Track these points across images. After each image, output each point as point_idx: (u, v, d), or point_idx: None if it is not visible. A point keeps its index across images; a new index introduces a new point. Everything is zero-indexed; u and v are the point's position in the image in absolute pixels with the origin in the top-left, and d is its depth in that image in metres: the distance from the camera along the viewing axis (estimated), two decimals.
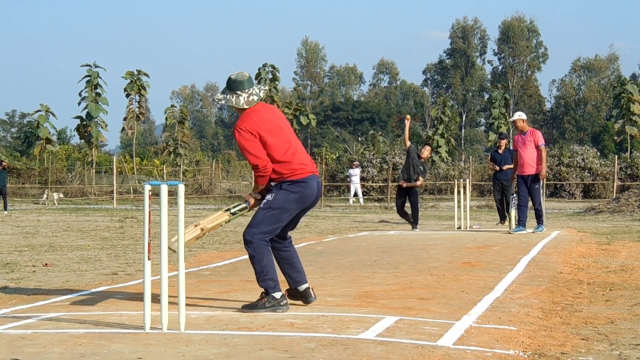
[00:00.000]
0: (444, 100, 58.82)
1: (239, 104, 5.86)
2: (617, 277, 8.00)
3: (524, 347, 4.74)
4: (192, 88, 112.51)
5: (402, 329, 5.06)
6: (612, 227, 16.32)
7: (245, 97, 5.87)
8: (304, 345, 4.54)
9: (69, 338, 4.82)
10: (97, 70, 48.71)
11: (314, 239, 13.22)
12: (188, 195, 35.70)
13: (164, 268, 5.02)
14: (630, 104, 49.94)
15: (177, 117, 53.38)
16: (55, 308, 6.12)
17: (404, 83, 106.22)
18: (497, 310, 5.87)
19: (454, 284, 7.24)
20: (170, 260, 5.18)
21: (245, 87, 5.88)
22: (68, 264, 9.85)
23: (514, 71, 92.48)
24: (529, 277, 7.79)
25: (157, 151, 65.80)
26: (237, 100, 5.87)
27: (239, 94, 5.87)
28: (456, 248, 10.75)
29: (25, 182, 43.17)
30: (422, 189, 39.30)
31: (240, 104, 5.86)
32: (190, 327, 5.09)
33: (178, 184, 5.07)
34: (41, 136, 48.87)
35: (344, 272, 8.18)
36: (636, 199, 21.44)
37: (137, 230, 16.28)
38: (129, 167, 50.09)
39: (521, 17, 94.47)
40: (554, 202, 32.00)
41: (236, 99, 5.87)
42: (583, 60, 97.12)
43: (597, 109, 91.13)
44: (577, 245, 11.44)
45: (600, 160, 39.41)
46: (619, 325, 5.49)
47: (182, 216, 5.15)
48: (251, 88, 5.90)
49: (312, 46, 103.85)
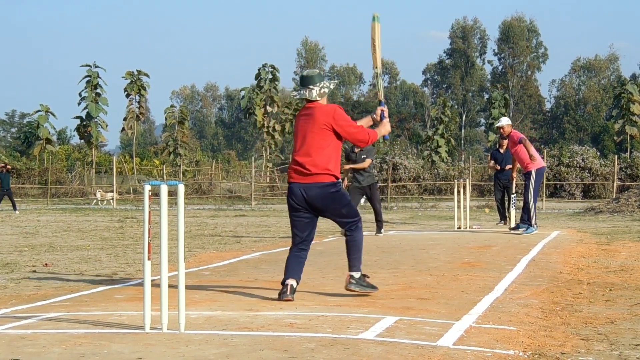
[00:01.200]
0: (444, 100, 58.84)
1: (312, 96, 6.31)
2: (617, 277, 8.00)
3: (524, 347, 4.74)
4: (192, 88, 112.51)
5: (402, 329, 5.06)
6: (612, 227, 16.33)
7: (317, 90, 6.33)
8: (304, 346, 4.54)
9: (69, 338, 4.82)
10: (97, 71, 48.79)
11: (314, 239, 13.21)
12: (188, 195, 35.71)
13: (164, 268, 5.02)
14: (630, 104, 49.96)
15: (177, 117, 53.44)
16: (55, 308, 6.12)
17: (404, 83, 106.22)
18: (497, 311, 5.87)
19: (453, 284, 7.24)
20: (170, 260, 5.18)
21: (316, 81, 6.35)
22: (68, 264, 9.85)
23: (514, 71, 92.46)
24: (529, 277, 7.79)
25: (157, 151, 65.80)
26: (310, 93, 6.33)
27: (312, 88, 6.34)
28: (456, 248, 10.75)
29: (25, 182, 43.19)
30: (422, 189, 39.35)
31: (313, 97, 6.31)
32: (190, 327, 5.09)
33: (178, 184, 5.07)
34: (41, 136, 48.92)
35: (344, 272, 8.15)
36: (636, 199, 21.44)
37: (136, 230, 16.29)
38: (128, 167, 50.10)
39: (521, 17, 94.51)
40: (553, 202, 32.01)
41: (309, 92, 6.33)
42: (583, 61, 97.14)
43: (597, 109, 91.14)
44: (577, 245, 11.45)
45: (600, 160, 39.44)
46: (618, 326, 5.49)
47: (182, 216, 5.15)
48: (322, 82, 6.37)
49: (311, 46, 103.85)
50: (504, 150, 16.57)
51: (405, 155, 42.95)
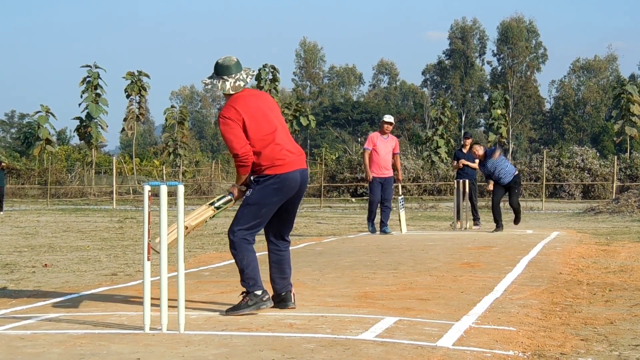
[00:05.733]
0: (444, 100, 58.83)
1: (225, 89, 5.70)
2: (617, 277, 8.00)
3: (524, 347, 4.74)
4: (191, 89, 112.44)
5: (402, 329, 5.06)
6: (611, 227, 16.33)
7: (232, 82, 5.72)
8: (304, 346, 4.54)
9: (69, 339, 4.82)
10: (97, 71, 48.75)
11: (313, 239, 13.22)
12: (187, 195, 35.71)
13: (164, 269, 5.02)
14: (630, 104, 49.95)
15: (177, 118, 53.41)
16: (54, 309, 6.12)
17: (404, 83, 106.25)
18: (496, 311, 5.87)
19: (453, 285, 7.24)
20: (170, 260, 5.18)
21: (232, 72, 5.72)
22: (67, 264, 9.85)
23: (513, 72, 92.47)
24: (529, 278, 7.79)
25: (156, 152, 65.82)
26: (222, 85, 5.72)
27: (226, 79, 5.71)
28: (456, 249, 10.75)
29: (25, 182, 43.18)
30: (422, 189, 39.36)
31: (226, 90, 5.70)
32: (189, 327, 5.09)
33: (178, 185, 5.06)
34: (41, 137, 48.90)
35: (344, 273, 8.18)
36: (635, 200, 21.44)
37: (136, 230, 16.28)
38: (128, 167, 50.09)
39: (520, 17, 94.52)
40: (553, 203, 32.01)
41: (222, 84, 5.71)
42: (582, 61, 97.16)
43: (597, 109, 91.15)
44: (576, 245, 11.45)
45: (599, 160, 39.45)
46: (618, 326, 5.49)
47: (182, 217, 5.15)
48: (238, 73, 5.74)
49: (310, 47, 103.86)
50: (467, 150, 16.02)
51: (404, 155, 42.97)
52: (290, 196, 5.77)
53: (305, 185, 5.86)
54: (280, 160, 5.68)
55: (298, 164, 5.78)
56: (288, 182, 5.70)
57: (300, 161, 5.81)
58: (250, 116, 5.66)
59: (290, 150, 5.75)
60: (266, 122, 5.70)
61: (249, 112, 5.67)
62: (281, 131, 5.76)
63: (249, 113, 5.66)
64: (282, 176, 5.68)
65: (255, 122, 5.65)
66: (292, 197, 5.80)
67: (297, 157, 5.78)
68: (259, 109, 5.72)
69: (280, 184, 5.68)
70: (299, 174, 5.77)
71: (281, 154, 5.70)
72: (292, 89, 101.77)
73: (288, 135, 5.84)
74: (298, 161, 5.78)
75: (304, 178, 5.81)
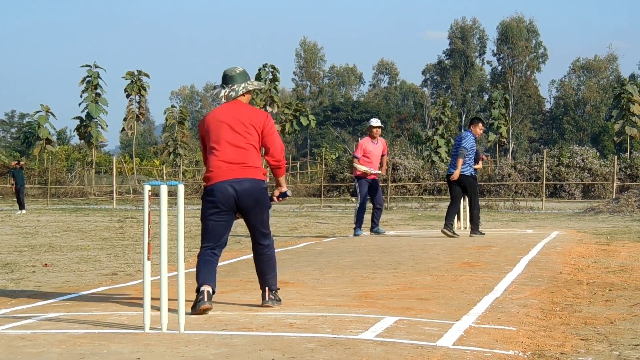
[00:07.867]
0: (444, 100, 58.80)
1: (218, 97, 5.80)
2: (617, 277, 8.00)
3: (524, 347, 4.74)
4: (191, 88, 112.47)
5: (402, 329, 5.06)
6: (611, 227, 16.32)
7: (226, 92, 5.80)
8: (304, 346, 4.54)
9: (69, 338, 4.82)
10: (97, 71, 48.74)
11: (313, 239, 13.22)
12: (188, 195, 35.69)
13: (164, 268, 5.02)
14: (630, 104, 49.94)
15: (177, 118, 53.41)
16: (54, 308, 6.12)
17: (404, 83, 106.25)
18: (496, 311, 5.87)
19: (453, 285, 7.24)
20: (170, 260, 5.18)
21: (230, 82, 5.82)
22: (68, 264, 9.85)
23: (513, 71, 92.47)
24: (529, 278, 7.79)
25: (156, 151, 65.82)
26: (217, 93, 5.83)
27: (222, 88, 5.83)
28: (456, 248, 10.74)
29: (25, 182, 43.13)
30: (422, 189, 39.36)
31: (219, 98, 5.80)
32: (189, 327, 5.09)
33: (178, 184, 5.07)
34: (41, 136, 48.90)
35: (344, 273, 8.18)
36: (636, 200, 21.44)
37: (136, 230, 16.28)
38: (128, 167, 50.09)
39: (520, 17, 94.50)
40: (553, 203, 32.01)
41: (217, 92, 5.84)
42: (582, 61, 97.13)
43: (597, 109, 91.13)
44: (576, 245, 11.44)
45: (599, 160, 39.43)
46: (618, 326, 5.49)
47: (182, 216, 5.15)
48: (235, 84, 5.80)
49: (310, 46, 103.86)
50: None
51: (405, 155, 42.96)
52: (233, 207, 5.66)
53: (248, 196, 5.64)
54: (209, 175, 5.68)
55: (230, 174, 5.61)
56: (216, 194, 5.61)
57: (234, 171, 5.61)
58: (208, 129, 5.79)
59: (225, 161, 5.62)
60: (216, 134, 5.71)
61: (209, 124, 5.80)
62: (224, 145, 5.65)
63: (208, 126, 5.80)
64: (207, 188, 5.69)
65: (210, 134, 5.75)
66: (242, 208, 5.67)
67: (231, 167, 5.61)
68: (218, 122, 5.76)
69: (210, 195, 5.65)
70: (228, 185, 5.59)
71: (212, 165, 5.67)
72: (292, 89, 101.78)
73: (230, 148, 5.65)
74: (230, 171, 5.61)
75: (240, 188, 5.60)
